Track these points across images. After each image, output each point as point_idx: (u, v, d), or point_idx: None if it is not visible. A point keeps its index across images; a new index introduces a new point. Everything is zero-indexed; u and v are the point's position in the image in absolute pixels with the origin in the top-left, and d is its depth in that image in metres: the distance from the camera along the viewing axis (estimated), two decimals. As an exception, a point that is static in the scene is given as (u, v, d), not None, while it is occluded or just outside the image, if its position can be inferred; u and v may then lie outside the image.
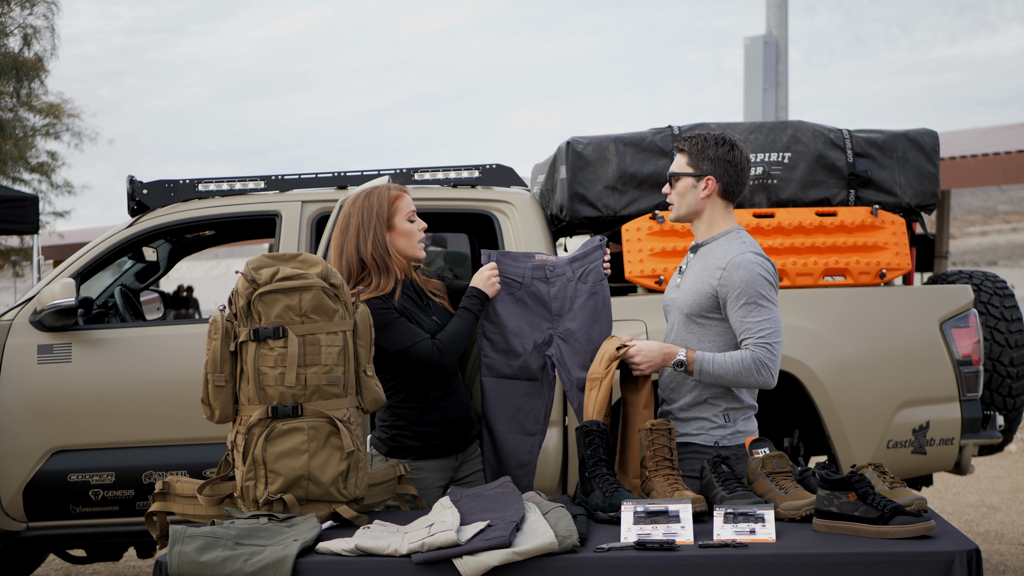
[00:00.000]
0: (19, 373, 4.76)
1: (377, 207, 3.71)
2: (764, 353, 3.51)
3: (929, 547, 2.87)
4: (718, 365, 3.53)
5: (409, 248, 3.75)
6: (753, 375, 3.52)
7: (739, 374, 3.52)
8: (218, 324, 3.31)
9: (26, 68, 18.53)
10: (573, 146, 5.01)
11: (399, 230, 3.73)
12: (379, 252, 3.68)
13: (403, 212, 3.74)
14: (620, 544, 2.97)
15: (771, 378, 3.54)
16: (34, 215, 11.38)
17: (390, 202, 3.72)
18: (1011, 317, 5.16)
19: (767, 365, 3.52)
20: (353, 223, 3.70)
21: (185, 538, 2.95)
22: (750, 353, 3.51)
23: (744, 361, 3.51)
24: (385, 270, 3.70)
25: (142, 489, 4.71)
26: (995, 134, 17.82)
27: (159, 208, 5.03)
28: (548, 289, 3.86)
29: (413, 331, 3.65)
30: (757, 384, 3.55)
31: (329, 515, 3.30)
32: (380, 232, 3.69)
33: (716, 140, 3.65)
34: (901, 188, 5.07)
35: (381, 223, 3.70)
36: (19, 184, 21.18)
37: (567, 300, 3.85)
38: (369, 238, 3.68)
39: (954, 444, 4.89)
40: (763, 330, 3.52)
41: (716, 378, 3.55)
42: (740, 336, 3.55)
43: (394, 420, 3.74)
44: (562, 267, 3.88)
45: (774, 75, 10.31)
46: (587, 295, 3.85)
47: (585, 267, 3.88)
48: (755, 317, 3.52)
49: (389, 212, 3.72)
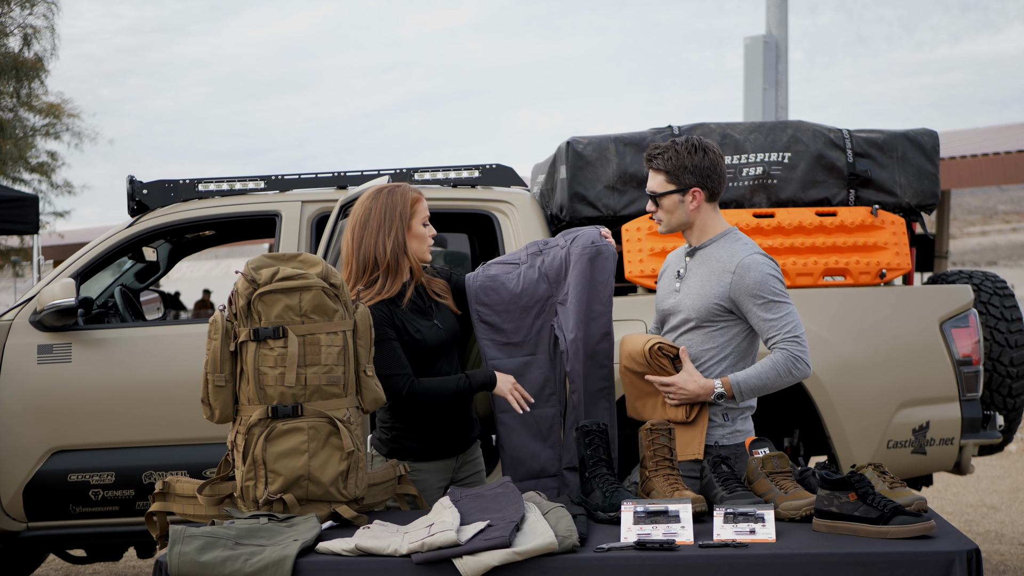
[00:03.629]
0: (19, 373, 4.76)
1: (401, 207, 3.70)
2: (795, 347, 3.52)
3: (929, 547, 2.87)
4: (754, 378, 3.52)
5: (421, 252, 3.75)
6: (791, 372, 3.52)
7: (778, 377, 3.52)
8: (218, 324, 3.31)
9: (26, 68, 18.52)
10: (573, 146, 5.01)
11: (415, 233, 3.72)
12: (396, 252, 3.67)
13: (420, 215, 3.74)
14: (620, 544, 2.97)
15: (807, 368, 3.55)
16: (34, 215, 11.37)
17: (412, 204, 3.72)
18: (1011, 317, 5.15)
19: (800, 358, 3.52)
20: (375, 219, 3.68)
21: (185, 538, 2.95)
22: (780, 353, 3.51)
23: (776, 364, 3.51)
24: (395, 272, 3.69)
25: (142, 489, 4.71)
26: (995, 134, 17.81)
27: (159, 208, 5.03)
28: (543, 259, 3.92)
29: (397, 361, 3.62)
30: (796, 378, 3.55)
31: (329, 515, 3.30)
32: (401, 232, 3.68)
33: (689, 149, 3.60)
34: (901, 188, 5.07)
35: (403, 223, 3.69)
36: (19, 184, 21.16)
37: (563, 265, 3.89)
38: (391, 236, 3.67)
39: (954, 444, 4.89)
40: (787, 324, 3.52)
41: (758, 391, 3.55)
42: (766, 336, 3.55)
43: (394, 421, 3.74)
44: (554, 241, 3.96)
45: (774, 75, 10.31)
46: (577, 255, 3.86)
47: (575, 234, 3.92)
48: (776, 314, 3.53)
49: (410, 213, 3.72)
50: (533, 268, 3.93)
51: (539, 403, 3.89)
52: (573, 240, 3.90)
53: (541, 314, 3.92)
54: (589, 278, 3.83)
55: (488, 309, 3.91)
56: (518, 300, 3.90)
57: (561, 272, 3.90)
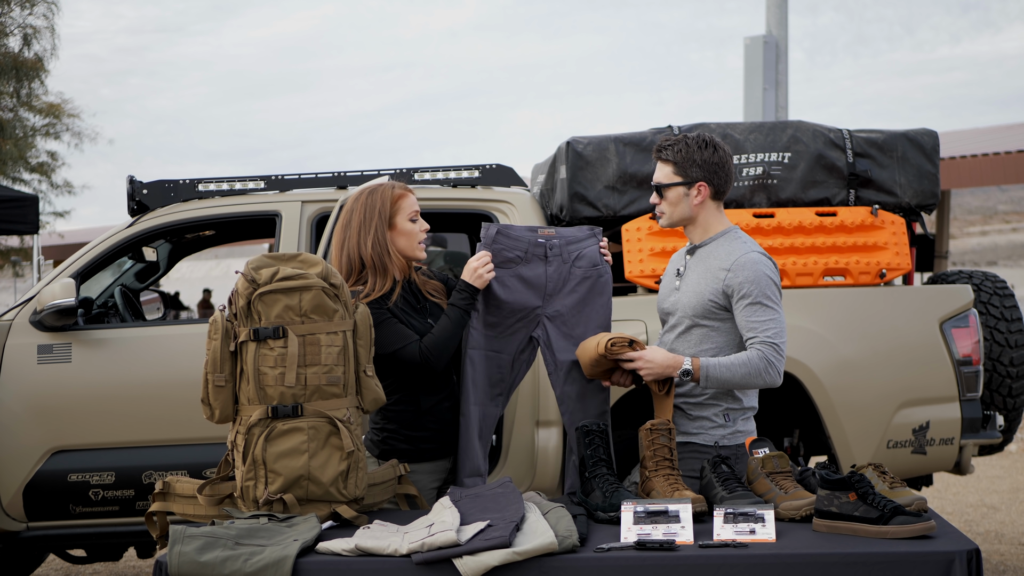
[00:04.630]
0: (19, 373, 4.75)
1: (380, 205, 3.70)
2: (771, 352, 3.50)
3: (929, 547, 2.87)
4: (725, 369, 3.50)
5: (409, 248, 3.75)
6: (761, 375, 3.51)
7: (747, 376, 3.51)
8: (218, 324, 3.32)
9: (26, 68, 18.53)
10: (573, 146, 5.01)
11: (400, 229, 3.72)
12: (379, 251, 3.67)
13: (406, 211, 3.73)
14: (620, 544, 2.97)
15: (778, 376, 3.54)
16: (34, 215, 11.38)
17: (393, 200, 3.72)
18: (1011, 317, 5.15)
19: (774, 364, 3.51)
20: (355, 220, 3.70)
21: (185, 538, 2.95)
22: (757, 352, 3.50)
23: (751, 361, 3.50)
24: (382, 271, 3.69)
25: (142, 489, 4.71)
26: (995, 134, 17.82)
27: (159, 208, 5.03)
28: (545, 268, 3.81)
29: (403, 333, 3.63)
30: (764, 384, 3.54)
31: (329, 515, 3.30)
32: (381, 231, 3.69)
33: (699, 144, 3.61)
34: (901, 188, 5.07)
35: (383, 221, 3.69)
36: (19, 184, 21.17)
37: (560, 281, 3.82)
38: (370, 236, 3.67)
39: (954, 444, 4.89)
40: (769, 330, 3.51)
41: (723, 383, 3.52)
42: (746, 335, 3.54)
43: (385, 423, 3.73)
44: (560, 247, 3.83)
45: (774, 75, 10.31)
46: (579, 280, 3.82)
47: (579, 251, 3.84)
48: (761, 316, 3.52)
49: (392, 211, 3.71)
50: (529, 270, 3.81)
51: (485, 401, 3.79)
52: (576, 259, 3.82)
53: (522, 319, 3.82)
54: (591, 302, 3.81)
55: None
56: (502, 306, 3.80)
57: (557, 287, 3.81)
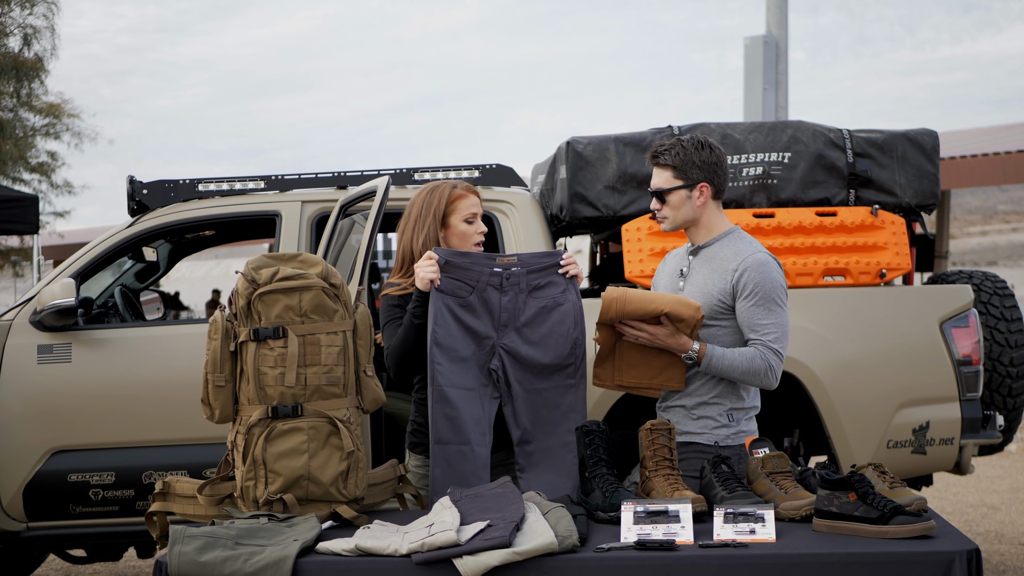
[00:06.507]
0: (19, 373, 4.76)
1: (436, 203, 3.71)
2: (772, 356, 3.52)
3: (929, 547, 2.87)
4: (727, 359, 3.52)
5: (462, 249, 3.69)
6: (759, 375, 3.52)
7: (747, 372, 3.52)
8: (218, 324, 3.32)
9: (26, 68, 18.52)
10: (573, 146, 5.01)
11: (454, 230, 3.71)
12: (428, 248, 3.67)
13: (462, 212, 3.71)
14: (620, 544, 2.97)
15: (775, 379, 3.56)
16: (34, 215, 11.38)
17: (450, 200, 3.71)
18: (1011, 317, 5.16)
19: (773, 368, 3.53)
20: (413, 215, 3.72)
21: (185, 538, 2.95)
22: (759, 353, 3.52)
23: (754, 359, 3.52)
24: None
25: (142, 489, 4.71)
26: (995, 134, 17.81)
27: (159, 208, 5.03)
28: (500, 298, 3.61)
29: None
30: (761, 384, 3.56)
31: (329, 515, 3.30)
32: (434, 228, 3.69)
33: (695, 145, 3.61)
34: (901, 188, 5.07)
35: (436, 220, 3.69)
36: (19, 184, 21.16)
37: (515, 311, 3.63)
38: (422, 232, 3.68)
39: (954, 444, 4.89)
40: (771, 332, 3.52)
41: (722, 371, 3.53)
42: (748, 334, 3.55)
43: (415, 416, 3.75)
44: (518, 275, 3.62)
45: (774, 75, 10.32)
46: (536, 310, 3.63)
47: (540, 280, 3.65)
48: (766, 318, 3.53)
49: (447, 210, 3.70)
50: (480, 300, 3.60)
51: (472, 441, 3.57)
52: (534, 289, 3.62)
53: (482, 350, 3.61)
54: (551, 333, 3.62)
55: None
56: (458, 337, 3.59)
57: (513, 316, 3.62)
